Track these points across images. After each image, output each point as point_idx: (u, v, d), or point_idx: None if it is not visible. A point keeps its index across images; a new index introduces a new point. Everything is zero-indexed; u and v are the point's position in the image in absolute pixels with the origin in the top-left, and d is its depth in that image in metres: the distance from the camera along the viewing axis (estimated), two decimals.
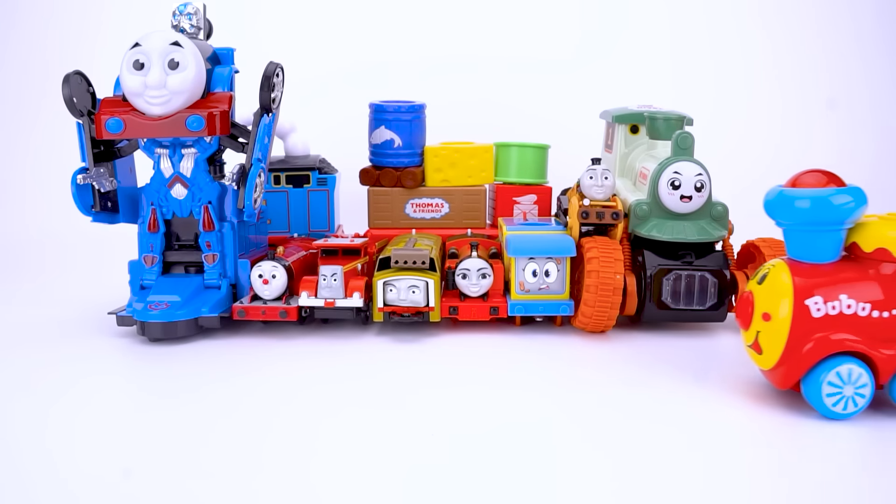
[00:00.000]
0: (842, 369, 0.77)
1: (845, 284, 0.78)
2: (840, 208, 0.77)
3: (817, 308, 0.77)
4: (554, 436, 0.76)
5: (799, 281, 0.78)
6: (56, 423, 0.80)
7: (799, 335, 0.78)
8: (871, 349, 0.77)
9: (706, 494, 0.65)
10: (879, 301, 0.77)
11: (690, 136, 1.06)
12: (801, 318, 0.77)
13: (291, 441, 0.75)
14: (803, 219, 0.78)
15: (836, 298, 0.77)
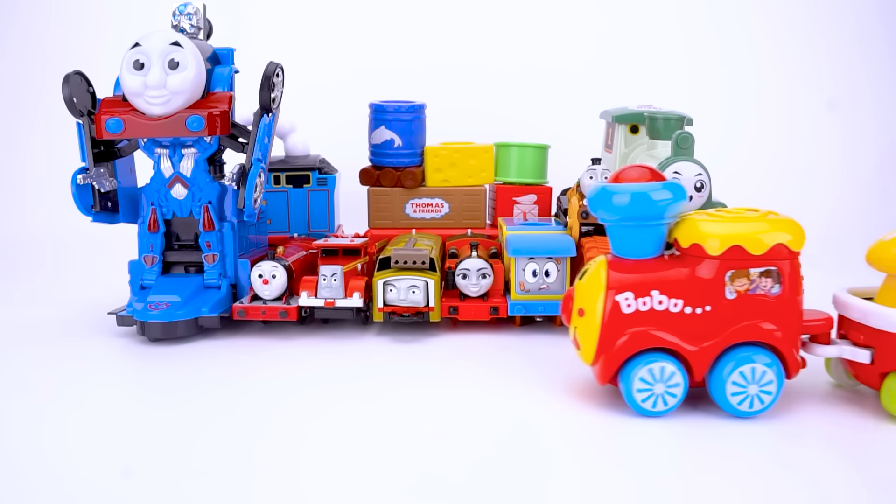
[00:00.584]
0: (654, 367, 0.76)
1: (659, 281, 0.77)
2: (658, 203, 0.76)
3: (628, 304, 0.77)
4: (554, 436, 0.76)
5: (612, 277, 0.78)
6: (56, 422, 0.80)
7: (610, 331, 0.77)
8: (683, 346, 0.76)
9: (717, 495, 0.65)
10: (692, 297, 0.76)
11: (690, 136, 1.06)
12: (612, 315, 0.77)
13: (291, 441, 0.75)
14: (623, 214, 0.77)
15: (647, 295, 0.77)
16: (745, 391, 0.77)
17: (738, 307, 0.76)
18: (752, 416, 0.78)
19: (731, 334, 0.76)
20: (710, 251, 0.75)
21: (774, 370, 0.76)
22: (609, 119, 1.27)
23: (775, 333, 0.76)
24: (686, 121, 1.14)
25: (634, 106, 1.26)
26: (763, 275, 0.75)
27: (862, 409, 0.81)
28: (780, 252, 0.75)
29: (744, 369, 0.76)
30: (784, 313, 0.76)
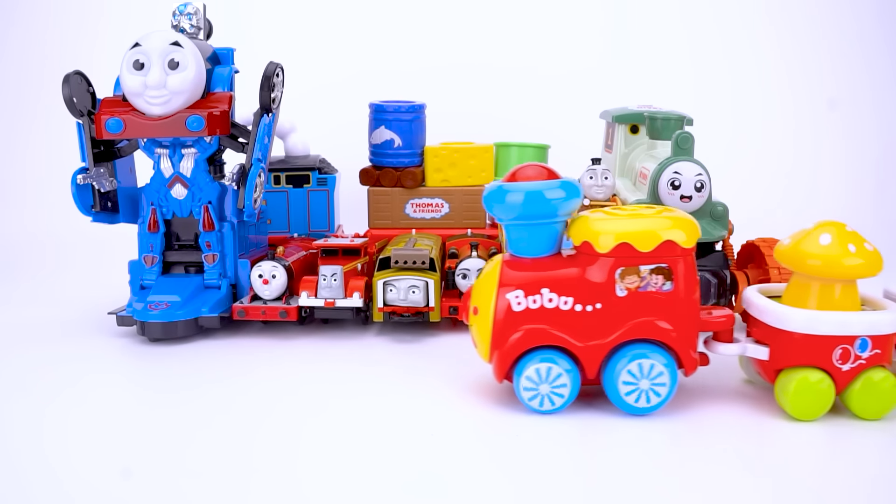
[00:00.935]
0: (540, 367, 0.77)
1: (549, 279, 0.77)
2: (552, 202, 0.76)
3: (518, 302, 0.77)
4: (553, 436, 0.76)
5: (505, 275, 0.78)
6: (56, 422, 0.80)
7: (501, 329, 0.78)
8: (573, 343, 0.77)
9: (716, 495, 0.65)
10: (582, 295, 0.77)
11: (690, 136, 1.06)
12: (502, 312, 0.78)
13: (291, 440, 0.75)
14: (518, 212, 0.77)
15: (537, 293, 0.77)
16: (636, 387, 0.77)
17: (629, 304, 0.77)
18: (647, 412, 0.78)
19: (621, 331, 0.77)
20: (598, 248, 0.76)
21: (666, 366, 0.77)
22: (609, 119, 1.27)
23: (667, 330, 0.77)
24: (686, 121, 1.14)
25: (634, 106, 1.26)
26: (654, 272, 0.76)
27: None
28: (669, 249, 0.75)
29: (633, 366, 0.77)
30: (677, 310, 0.77)
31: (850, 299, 0.78)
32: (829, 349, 0.76)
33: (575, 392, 0.78)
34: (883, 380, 0.76)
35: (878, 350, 0.76)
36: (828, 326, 0.76)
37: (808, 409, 0.77)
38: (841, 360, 0.76)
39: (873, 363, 0.77)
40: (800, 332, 0.76)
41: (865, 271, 0.75)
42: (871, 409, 0.77)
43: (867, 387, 0.76)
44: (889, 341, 0.77)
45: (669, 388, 0.77)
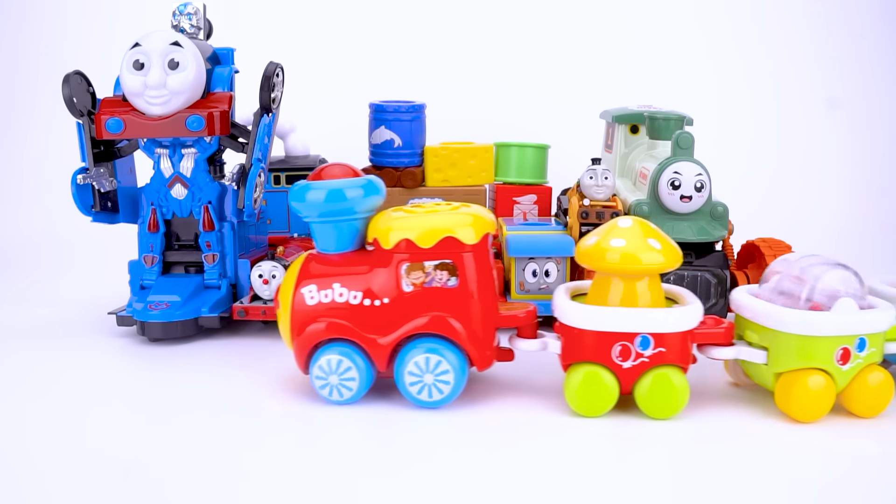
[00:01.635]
0: (331, 358, 0.79)
1: (342, 274, 0.80)
2: (351, 199, 0.79)
3: (311, 296, 0.80)
4: (553, 436, 0.76)
5: (303, 270, 0.81)
6: (56, 422, 0.80)
7: (297, 322, 0.80)
8: (361, 336, 0.79)
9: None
10: (370, 290, 0.78)
11: (690, 136, 1.06)
12: (297, 306, 0.80)
13: (290, 441, 0.75)
14: (319, 209, 0.79)
15: (329, 287, 0.79)
16: (420, 381, 0.79)
17: (416, 299, 0.78)
18: (435, 406, 0.80)
19: (407, 327, 0.78)
20: (383, 245, 0.78)
21: (451, 360, 0.78)
22: (609, 119, 1.27)
23: (451, 325, 0.78)
24: (686, 121, 1.14)
25: (634, 106, 1.26)
26: (438, 268, 0.77)
27: None
28: (451, 245, 0.77)
29: (419, 359, 0.78)
30: (463, 305, 0.78)
31: (652, 295, 0.78)
32: (608, 346, 0.76)
33: (365, 384, 0.80)
34: (671, 380, 0.76)
35: (663, 349, 0.76)
36: (603, 323, 0.76)
37: (591, 406, 0.77)
38: (621, 357, 0.76)
39: (659, 362, 0.76)
40: (578, 328, 0.77)
41: (662, 266, 0.76)
42: (660, 407, 0.77)
43: (654, 385, 0.76)
44: (676, 340, 0.76)
45: (455, 383, 0.78)
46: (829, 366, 0.76)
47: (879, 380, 0.77)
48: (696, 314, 0.78)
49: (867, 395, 0.77)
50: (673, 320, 0.76)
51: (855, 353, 0.76)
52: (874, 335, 0.76)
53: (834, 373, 0.76)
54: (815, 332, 0.75)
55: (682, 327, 0.76)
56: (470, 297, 0.78)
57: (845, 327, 0.75)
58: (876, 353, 0.77)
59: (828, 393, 0.76)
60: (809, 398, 0.76)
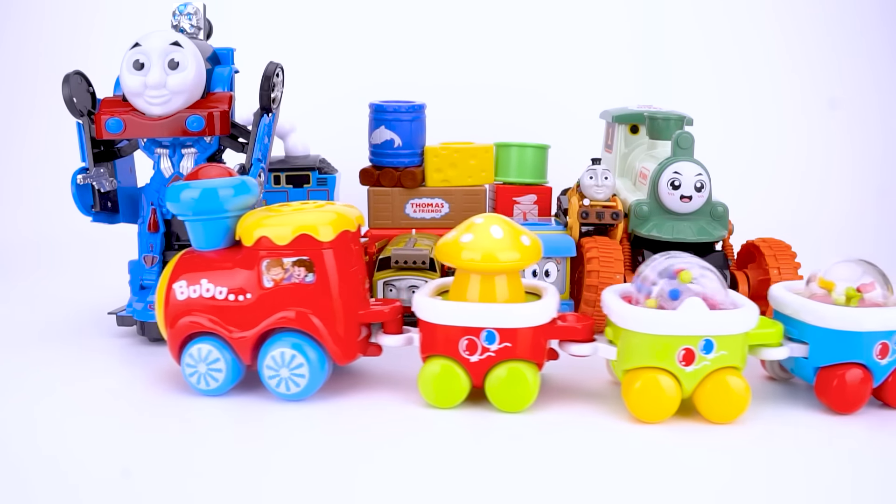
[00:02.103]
0: (202, 347, 0.82)
1: (210, 270, 0.83)
2: (222, 198, 0.82)
3: (181, 291, 0.83)
4: (553, 436, 0.76)
5: (176, 267, 0.84)
6: (56, 422, 0.80)
7: (169, 316, 0.84)
8: (224, 330, 0.82)
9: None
10: (236, 286, 0.82)
11: (690, 136, 1.06)
12: (168, 301, 0.84)
13: (290, 441, 0.75)
14: (193, 208, 0.82)
15: (197, 283, 0.83)
16: (277, 375, 0.82)
17: (276, 295, 0.81)
18: (294, 399, 0.83)
19: (266, 321, 0.81)
20: (245, 242, 0.81)
21: (309, 355, 0.81)
22: (609, 119, 1.27)
23: (309, 320, 0.80)
24: (686, 121, 1.14)
25: (634, 106, 1.26)
26: (296, 264, 0.80)
27: None
28: (307, 242, 0.79)
29: (275, 354, 0.81)
30: (320, 301, 0.80)
31: (511, 291, 0.79)
32: (455, 340, 0.79)
33: (232, 375, 0.83)
34: (516, 374, 0.78)
35: (509, 343, 0.77)
36: (450, 317, 0.79)
37: (443, 397, 0.80)
38: (468, 350, 0.78)
39: (506, 357, 0.78)
40: (430, 322, 0.80)
41: (521, 264, 0.79)
42: (507, 401, 0.79)
43: (497, 379, 0.79)
44: (523, 335, 0.78)
45: (311, 377, 0.81)
46: (671, 366, 0.76)
47: (730, 384, 0.76)
48: (546, 311, 0.79)
49: (715, 400, 0.76)
50: (517, 316, 0.78)
51: (700, 355, 0.75)
52: (724, 337, 0.75)
53: (677, 374, 0.76)
54: (653, 330, 0.75)
55: (527, 323, 0.78)
56: (327, 292, 0.81)
57: (685, 327, 0.75)
58: (730, 357, 0.76)
59: (667, 394, 0.75)
60: (645, 396, 0.76)
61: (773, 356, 0.80)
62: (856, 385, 0.77)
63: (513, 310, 0.78)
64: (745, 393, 0.76)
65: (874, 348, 0.77)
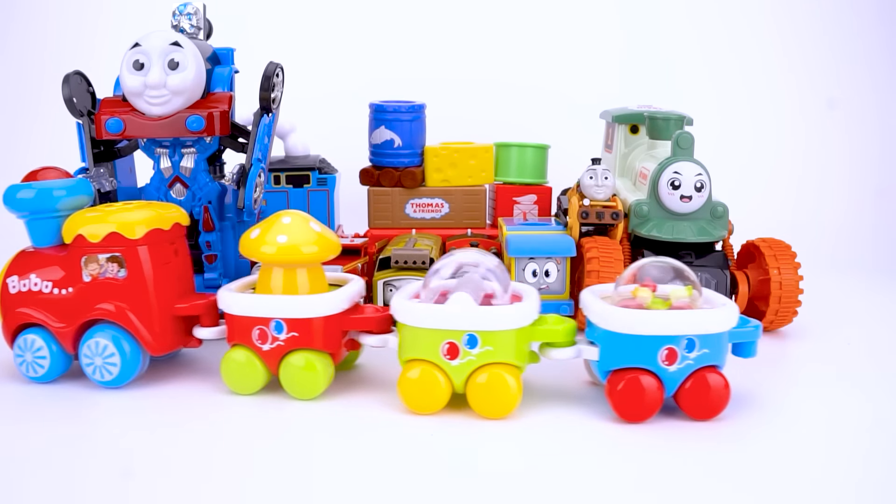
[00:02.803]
0: (28, 337, 0.88)
1: (40, 266, 0.89)
2: (55, 198, 0.87)
3: (13, 285, 0.89)
4: (553, 437, 0.76)
5: (11, 263, 0.90)
6: (55, 421, 0.80)
7: (3, 308, 0.89)
8: (49, 322, 0.87)
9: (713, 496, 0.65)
10: (59, 280, 0.87)
11: (690, 136, 1.06)
12: (3, 294, 0.89)
13: (290, 441, 0.75)
14: (27, 207, 0.87)
15: (27, 277, 0.88)
16: (92, 363, 0.86)
17: (93, 289, 0.86)
18: (110, 386, 0.87)
19: (85, 313, 0.86)
20: (66, 240, 0.87)
21: (121, 346, 0.86)
22: (609, 119, 1.27)
23: (123, 312, 0.86)
24: (686, 121, 1.14)
25: (634, 106, 1.26)
26: (109, 260, 0.85)
27: None
28: (117, 240, 0.85)
29: (90, 343, 0.86)
30: (132, 294, 0.86)
31: (312, 283, 0.84)
32: (248, 329, 0.83)
33: (56, 364, 0.88)
34: (303, 363, 0.82)
35: (296, 333, 0.81)
36: (242, 308, 0.83)
37: (239, 384, 0.85)
38: (260, 339, 0.83)
39: (296, 345, 0.82)
40: (230, 313, 0.84)
41: (318, 257, 0.82)
42: (298, 388, 0.83)
43: (287, 368, 0.82)
44: (311, 325, 0.81)
45: (123, 366, 0.86)
46: (437, 359, 0.77)
47: (497, 381, 0.76)
48: (333, 302, 0.82)
49: (482, 395, 0.77)
50: (301, 306, 0.82)
51: (464, 350, 0.76)
52: (488, 333, 0.76)
53: (444, 367, 0.77)
54: (418, 323, 0.78)
55: (311, 313, 0.81)
56: (138, 287, 0.86)
57: (447, 321, 0.76)
58: (497, 353, 0.76)
59: (431, 385, 0.77)
60: (412, 388, 0.78)
61: (559, 356, 0.80)
62: (637, 391, 0.75)
63: (297, 301, 0.82)
64: (511, 390, 0.77)
65: (659, 354, 0.75)
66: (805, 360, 0.99)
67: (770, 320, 1.05)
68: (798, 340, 1.05)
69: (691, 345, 0.75)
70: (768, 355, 1.00)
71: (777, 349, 1.02)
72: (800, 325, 1.09)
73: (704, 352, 0.76)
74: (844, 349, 1.02)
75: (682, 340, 0.75)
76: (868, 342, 1.06)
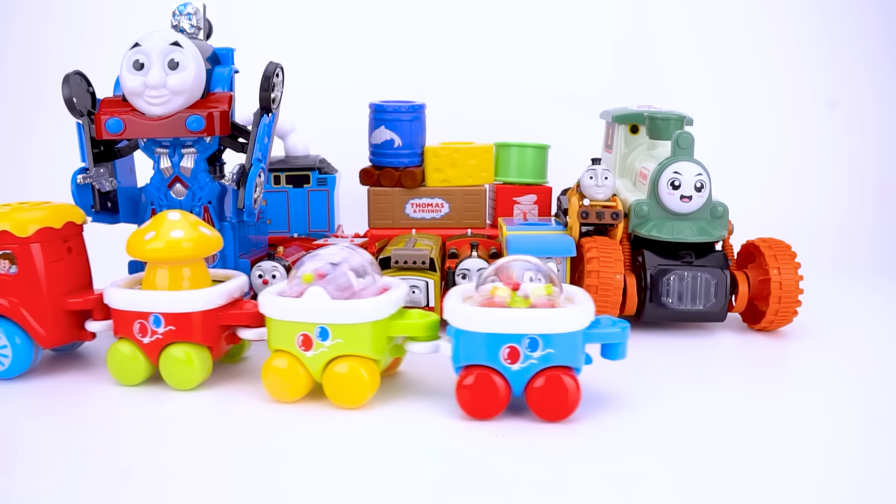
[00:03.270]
0: None
1: None
2: None
3: None
4: (553, 437, 0.76)
5: None
6: (55, 422, 0.80)
7: None
8: None
9: (702, 491, 0.65)
10: None
11: (690, 136, 1.06)
12: None
13: (290, 441, 0.75)
14: None
15: None
16: None
17: None
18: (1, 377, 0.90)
19: None
20: None
21: (11, 338, 0.89)
22: (609, 119, 1.27)
23: (13, 307, 0.89)
24: (686, 121, 1.14)
25: (634, 106, 1.26)
26: (1, 257, 0.89)
27: None
28: (8, 238, 0.88)
29: None
30: (23, 290, 0.90)
31: (194, 279, 0.87)
32: (129, 323, 0.87)
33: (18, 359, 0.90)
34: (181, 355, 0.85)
35: (173, 327, 0.85)
36: (123, 303, 0.87)
37: (122, 375, 0.88)
38: (141, 333, 0.87)
39: (173, 339, 0.86)
40: (113, 308, 0.88)
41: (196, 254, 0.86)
42: (175, 380, 0.86)
43: (166, 360, 0.86)
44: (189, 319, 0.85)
45: (13, 358, 0.89)
46: (293, 349, 0.81)
47: (346, 371, 0.80)
48: (207, 298, 0.86)
49: (333, 384, 0.80)
50: (176, 301, 0.85)
51: (317, 342, 0.80)
52: (339, 326, 0.79)
53: (300, 357, 0.81)
54: (276, 315, 0.82)
55: (186, 308, 0.85)
56: (30, 283, 0.89)
57: (299, 314, 0.80)
58: (349, 345, 0.80)
59: (291, 375, 0.81)
60: (271, 376, 0.82)
61: (418, 350, 0.83)
62: (479, 388, 0.76)
63: (173, 296, 0.85)
64: (361, 381, 0.80)
65: (500, 352, 0.75)
66: (805, 360, 0.99)
67: (770, 320, 1.05)
68: (798, 340, 1.05)
69: (534, 344, 0.75)
70: (768, 355, 1.00)
71: (777, 349, 1.02)
72: (800, 325, 1.09)
73: (549, 352, 0.75)
74: (844, 349, 1.02)
75: (524, 339, 0.75)
76: (868, 342, 1.06)
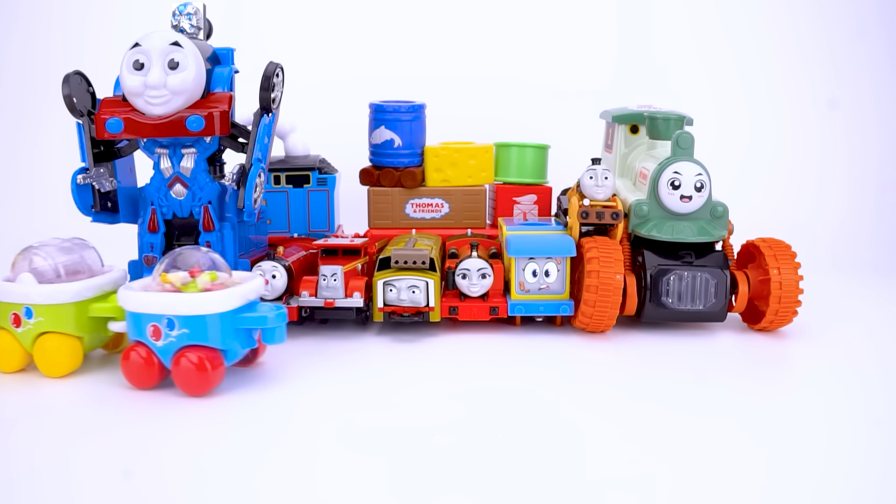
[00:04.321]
0: None
1: None
2: None
3: None
4: (553, 437, 0.76)
5: None
6: (55, 422, 0.80)
7: None
8: None
9: (702, 490, 0.65)
10: None
11: (690, 136, 1.06)
12: None
13: (290, 442, 0.75)
14: None
15: None
16: None
17: None
18: None
19: None
20: None
21: None
22: (609, 119, 1.27)
23: None
24: (686, 121, 1.14)
25: (634, 106, 1.26)
26: None
27: None
28: None
29: None
30: None
31: None
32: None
33: None
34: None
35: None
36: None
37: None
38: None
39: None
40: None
41: None
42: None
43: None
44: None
45: None
46: (8, 326, 0.92)
47: (47, 344, 0.90)
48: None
49: (40, 357, 0.91)
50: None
51: (24, 320, 0.91)
52: (40, 306, 0.90)
53: (13, 332, 0.92)
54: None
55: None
56: None
57: (9, 296, 0.91)
58: (50, 323, 0.90)
59: (8, 347, 0.92)
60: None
61: (115, 328, 0.93)
62: (130, 360, 0.87)
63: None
64: (59, 354, 0.91)
65: (146, 329, 0.86)
66: (805, 359, 0.99)
67: (770, 320, 1.05)
68: (798, 340, 1.05)
69: (171, 324, 0.85)
70: (768, 355, 1.00)
71: (777, 349, 1.02)
72: (800, 325, 1.09)
73: (185, 331, 0.85)
74: (844, 349, 1.02)
75: (163, 319, 0.85)
76: (867, 342, 1.06)
